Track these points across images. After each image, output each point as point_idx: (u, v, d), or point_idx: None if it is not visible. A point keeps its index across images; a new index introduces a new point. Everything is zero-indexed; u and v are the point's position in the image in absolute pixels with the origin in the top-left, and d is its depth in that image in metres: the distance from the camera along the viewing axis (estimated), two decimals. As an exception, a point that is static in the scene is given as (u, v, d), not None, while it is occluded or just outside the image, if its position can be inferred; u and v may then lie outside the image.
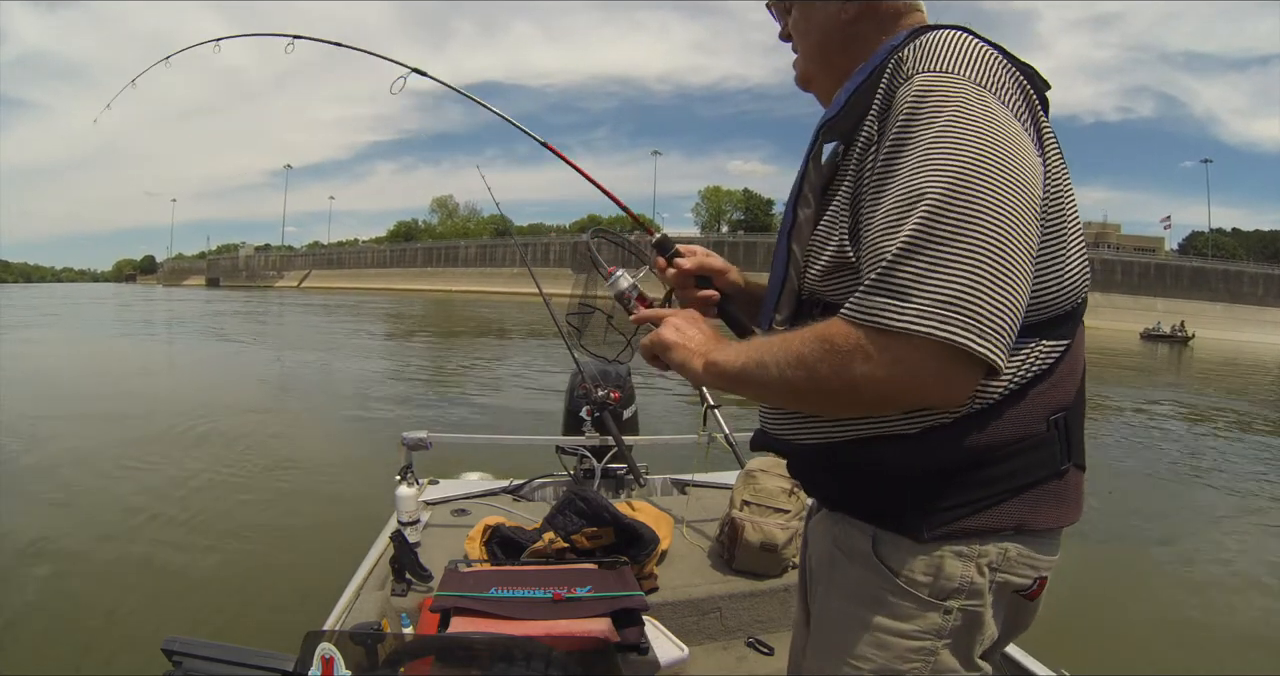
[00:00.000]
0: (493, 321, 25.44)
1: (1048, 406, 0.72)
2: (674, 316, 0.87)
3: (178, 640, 0.80)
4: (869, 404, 0.66)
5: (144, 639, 2.50)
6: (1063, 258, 0.71)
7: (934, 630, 0.72)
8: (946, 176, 0.61)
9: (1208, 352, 27.06)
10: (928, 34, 0.71)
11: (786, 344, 0.68)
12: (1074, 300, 0.73)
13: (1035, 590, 0.76)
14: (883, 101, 0.70)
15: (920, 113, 0.65)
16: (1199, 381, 16.12)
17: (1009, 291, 0.60)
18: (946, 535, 0.71)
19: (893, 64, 0.70)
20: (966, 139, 0.62)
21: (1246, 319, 41.18)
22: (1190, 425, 9.77)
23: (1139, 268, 46.95)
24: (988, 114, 0.63)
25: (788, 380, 0.67)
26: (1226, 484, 6.38)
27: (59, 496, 4.34)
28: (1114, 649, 2.98)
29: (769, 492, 1.93)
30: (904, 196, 0.63)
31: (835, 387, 0.64)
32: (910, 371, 0.60)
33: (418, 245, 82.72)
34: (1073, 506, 0.76)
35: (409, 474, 2.07)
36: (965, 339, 0.58)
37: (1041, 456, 0.72)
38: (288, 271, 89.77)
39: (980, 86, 0.65)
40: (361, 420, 7.22)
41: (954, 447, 0.69)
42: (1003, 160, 0.61)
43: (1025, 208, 0.62)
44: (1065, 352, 0.73)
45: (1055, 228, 0.70)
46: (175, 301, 41.32)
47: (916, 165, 0.63)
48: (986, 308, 0.58)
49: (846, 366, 0.62)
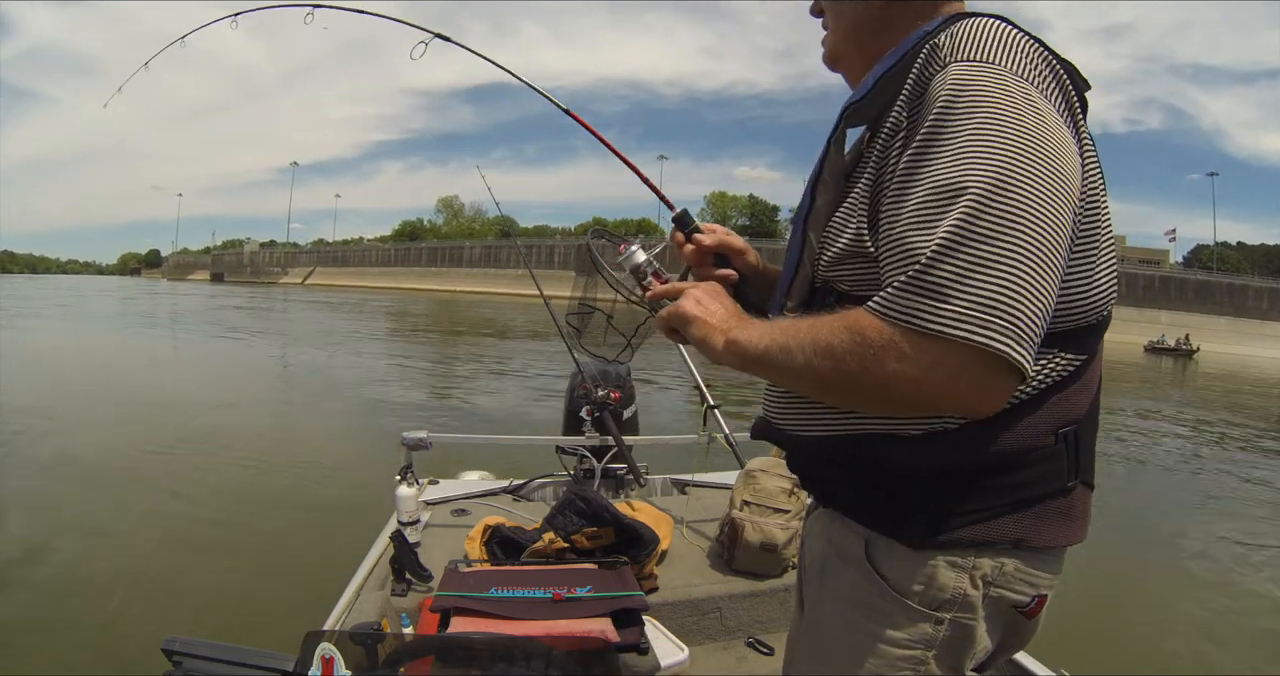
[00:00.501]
0: (495, 322, 25.44)
1: (1058, 419, 0.69)
2: (694, 289, 0.82)
3: (178, 640, 0.80)
4: (898, 404, 0.63)
5: (144, 639, 2.51)
6: (1092, 267, 0.68)
7: (924, 640, 0.70)
8: (990, 171, 0.57)
9: (1213, 366, 26.83)
10: (965, 21, 0.67)
11: (814, 331, 0.64)
12: (1099, 313, 0.70)
13: (1034, 608, 0.73)
14: (914, 89, 0.66)
15: (959, 103, 0.61)
16: (1212, 398, 15.70)
17: (1047, 297, 0.57)
18: (941, 544, 0.69)
19: (927, 50, 0.67)
20: (1010, 132, 0.58)
21: (1250, 333, 41.02)
22: (1193, 435, 9.76)
23: (1143, 280, 46.59)
24: (1033, 107, 0.60)
25: (814, 369, 0.64)
26: (1229, 488, 6.38)
27: (59, 496, 4.34)
28: (1114, 649, 2.98)
29: (769, 492, 1.93)
30: (940, 190, 0.59)
31: (865, 385, 0.61)
32: (948, 376, 0.57)
33: (422, 245, 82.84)
34: (1078, 525, 0.73)
35: (409, 474, 2.06)
36: (1005, 345, 0.55)
37: (1047, 470, 0.69)
38: (292, 268, 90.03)
39: (1024, 78, 0.62)
40: (362, 420, 7.22)
41: (957, 454, 0.67)
42: (1048, 157, 0.58)
43: (1066, 209, 0.59)
44: (1083, 366, 0.70)
45: (1089, 234, 0.67)
46: (180, 296, 41.37)
47: (955, 157, 0.59)
48: (1027, 312, 0.56)
49: (879, 364, 0.59)
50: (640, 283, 0.98)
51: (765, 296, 0.91)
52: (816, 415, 0.75)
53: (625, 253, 0.98)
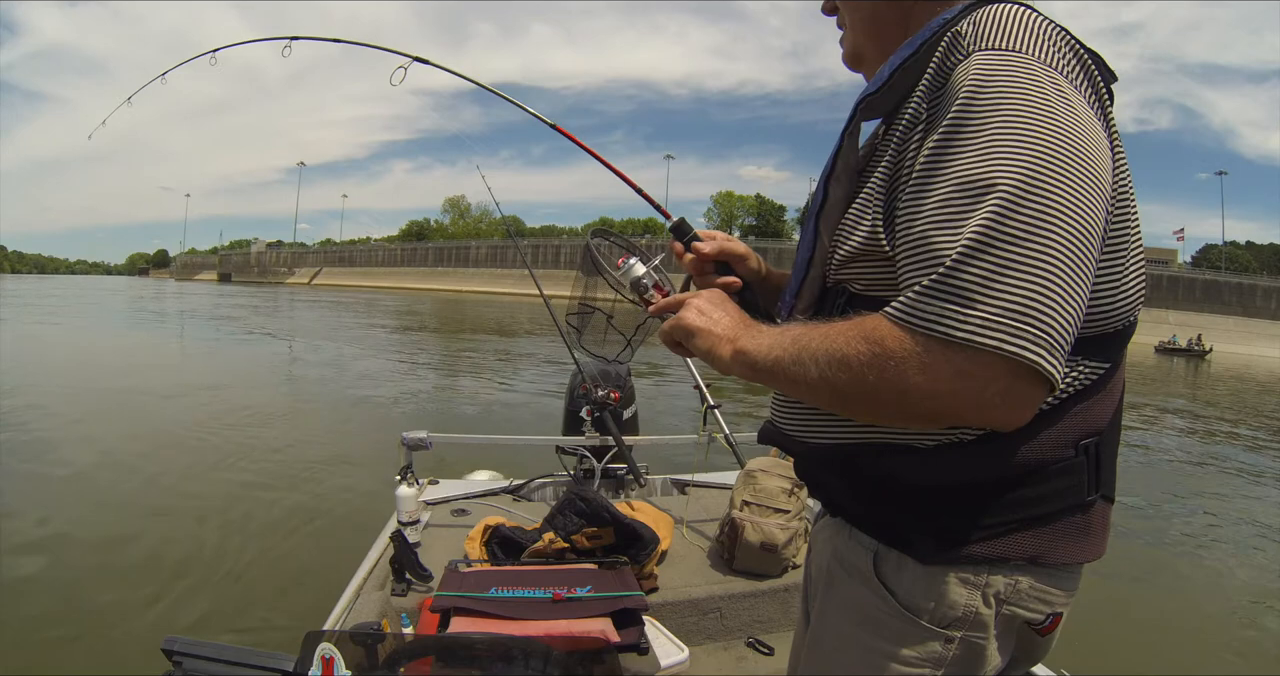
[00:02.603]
0: (500, 322, 25.45)
1: (1080, 431, 0.65)
2: (696, 298, 0.77)
3: (178, 640, 0.80)
4: (920, 418, 0.59)
5: (144, 639, 2.52)
6: (1122, 269, 0.64)
7: (933, 659, 0.68)
8: (1020, 167, 0.53)
9: (1226, 367, 26.36)
10: (989, 7, 0.63)
11: (828, 340, 0.60)
12: (1126, 318, 0.66)
13: (1048, 626, 0.71)
14: (934, 79, 0.62)
15: (984, 93, 0.57)
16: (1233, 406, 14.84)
17: (1079, 302, 0.53)
18: (952, 559, 0.66)
19: (949, 38, 0.63)
20: (1042, 125, 0.55)
21: (1259, 332, 40.82)
22: (1200, 435, 9.74)
23: (1150, 280, 45.30)
24: (1064, 99, 0.56)
25: (828, 381, 0.59)
26: (1233, 488, 6.37)
27: (59, 494, 4.34)
28: (1114, 649, 2.97)
29: (769, 492, 1.93)
30: (966, 185, 0.55)
31: (884, 398, 0.57)
32: (976, 389, 0.53)
33: (429, 245, 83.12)
34: (1096, 541, 0.70)
35: (409, 474, 2.07)
36: (1036, 355, 0.51)
37: (1067, 484, 0.66)
38: (299, 268, 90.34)
39: (1053, 68, 0.58)
40: (362, 420, 7.22)
41: (973, 466, 0.64)
42: (1081, 151, 0.55)
43: (1100, 208, 0.55)
44: (1107, 374, 0.66)
45: (1119, 234, 0.63)
46: (189, 296, 41.47)
47: (982, 151, 0.55)
48: (1059, 319, 0.52)
49: (900, 376, 0.55)
50: (642, 296, 0.95)
51: (771, 302, 0.88)
52: (826, 422, 0.72)
53: (623, 266, 0.95)
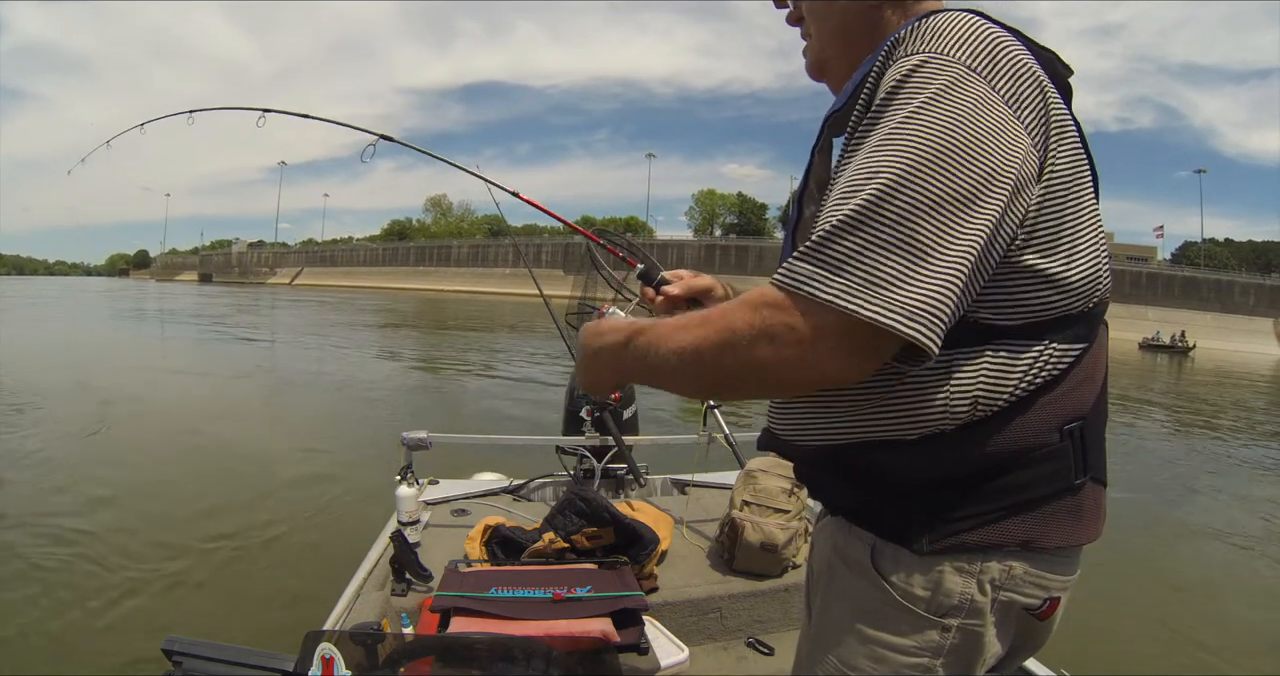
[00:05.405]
0: (486, 320, 25.42)
1: (1061, 415, 0.67)
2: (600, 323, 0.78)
3: (178, 640, 0.80)
4: (776, 370, 0.60)
5: (144, 639, 2.51)
6: (1069, 251, 0.66)
7: (931, 648, 0.69)
8: (906, 160, 0.57)
9: (1212, 364, 26.47)
10: (934, 16, 0.66)
11: (720, 308, 0.64)
12: (1088, 301, 0.68)
13: (1046, 610, 0.72)
14: (872, 88, 0.66)
15: (899, 93, 0.61)
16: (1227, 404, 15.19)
17: (952, 285, 0.57)
18: (946, 549, 0.67)
19: (887, 47, 0.66)
20: (937, 122, 0.58)
21: (1236, 328, 41.20)
22: (1189, 429, 9.77)
23: (1130, 276, 46.77)
24: (970, 97, 0.59)
25: (684, 327, 0.64)
26: (1231, 488, 6.39)
27: (59, 494, 4.33)
28: (1114, 649, 2.98)
29: (769, 492, 1.93)
30: (859, 173, 0.59)
31: (743, 338, 0.59)
32: (825, 341, 0.57)
33: (411, 244, 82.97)
34: (1089, 524, 0.71)
35: (409, 474, 2.06)
36: (890, 319, 0.55)
37: (1053, 469, 0.68)
38: (281, 268, 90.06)
39: (972, 70, 0.60)
40: (361, 420, 7.21)
41: (957, 456, 0.66)
42: (974, 150, 0.58)
43: (990, 198, 0.58)
44: (1081, 356, 0.68)
45: (1059, 216, 0.65)
46: (169, 296, 41.40)
47: (879, 143, 0.59)
48: (916, 292, 0.56)
49: (762, 321, 0.58)
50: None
51: None
52: (817, 424, 0.74)
53: (606, 314, 1.03)
